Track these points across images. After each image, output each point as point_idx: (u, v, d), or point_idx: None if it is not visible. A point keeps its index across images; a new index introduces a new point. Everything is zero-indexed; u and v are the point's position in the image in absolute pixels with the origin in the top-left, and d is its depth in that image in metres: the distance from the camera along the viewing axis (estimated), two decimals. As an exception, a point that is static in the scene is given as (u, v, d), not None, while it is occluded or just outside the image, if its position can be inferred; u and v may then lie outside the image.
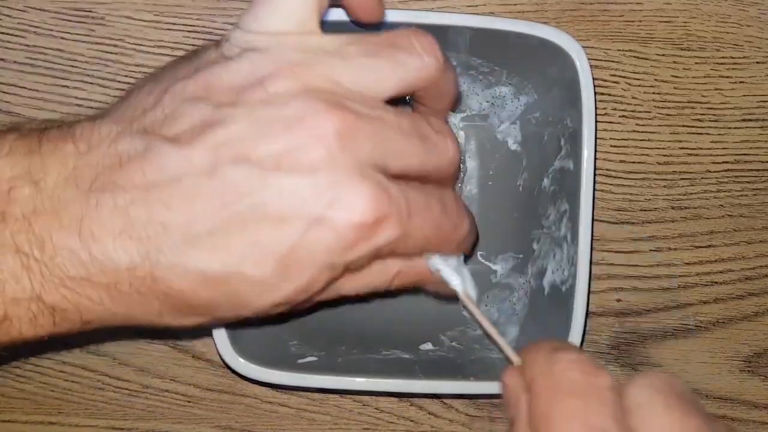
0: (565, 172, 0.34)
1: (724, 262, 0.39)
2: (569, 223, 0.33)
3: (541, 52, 0.33)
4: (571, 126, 0.33)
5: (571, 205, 0.33)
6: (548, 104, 0.36)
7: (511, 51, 0.34)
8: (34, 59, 0.37)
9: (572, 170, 0.33)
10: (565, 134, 0.34)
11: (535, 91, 0.36)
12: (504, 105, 0.37)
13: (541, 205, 0.36)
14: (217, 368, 0.37)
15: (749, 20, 0.38)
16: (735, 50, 0.38)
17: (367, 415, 0.38)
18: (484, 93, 0.37)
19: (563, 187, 0.34)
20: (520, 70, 0.36)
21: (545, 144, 0.36)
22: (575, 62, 0.32)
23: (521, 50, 0.33)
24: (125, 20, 0.37)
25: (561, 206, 0.34)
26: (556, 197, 0.35)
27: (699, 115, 0.38)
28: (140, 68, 0.37)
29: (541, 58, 0.33)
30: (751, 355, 0.39)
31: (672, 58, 0.38)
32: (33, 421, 0.38)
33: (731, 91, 0.38)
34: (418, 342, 0.36)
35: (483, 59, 0.35)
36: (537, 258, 0.36)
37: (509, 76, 0.36)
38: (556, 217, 0.35)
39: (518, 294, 0.37)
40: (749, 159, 0.39)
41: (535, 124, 0.37)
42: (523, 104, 0.37)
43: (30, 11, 0.37)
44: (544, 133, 0.36)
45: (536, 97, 0.36)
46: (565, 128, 0.34)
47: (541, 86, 0.36)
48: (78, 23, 0.37)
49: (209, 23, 0.37)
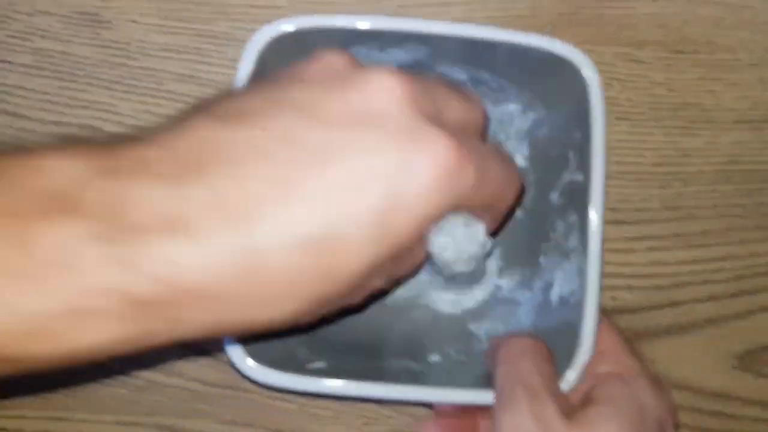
0: (575, 185, 0.33)
1: (718, 261, 0.39)
2: (579, 234, 0.33)
3: (553, 67, 0.33)
4: (580, 138, 0.33)
5: (581, 216, 0.32)
6: (557, 120, 0.35)
7: (522, 65, 0.34)
8: (41, 62, 0.38)
9: (582, 182, 0.32)
10: (574, 147, 0.33)
11: (543, 107, 0.36)
12: (512, 122, 0.37)
13: (549, 219, 0.35)
14: (221, 364, 0.38)
15: (742, 24, 0.38)
16: (728, 53, 0.39)
17: (367, 410, 0.39)
18: (492, 110, 0.36)
19: (573, 199, 0.34)
20: (531, 85, 0.35)
21: (553, 158, 0.35)
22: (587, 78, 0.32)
23: (532, 65, 0.33)
24: (131, 24, 0.38)
25: (570, 218, 0.34)
26: (565, 210, 0.34)
27: (692, 116, 0.39)
28: (146, 71, 0.38)
29: (552, 73, 0.33)
30: (744, 352, 0.39)
31: (666, 61, 0.38)
32: (40, 416, 0.38)
33: (724, 94, 0.39)
34: (427, 353, 0.36)
35: (493, 74, 0.35)
36: (544, 271, 0.35)
37: (519, 92, 0.36)
38: (565, 229, 0.34)
39: (525, 308, 0.36)
40: (742, 160, 0.39)
41: (543, 139, 0.36)
42: (531, 120, 0.36)
43: (37, 15, 0.37)
44: (552, 148, 0.35)
45: (545, 113, 0.36)
46: (574, 141, 0.33)
47: (550, 102, 0.35)
48: (84, 27, 0.38)
49: (214, 27, 0.38)
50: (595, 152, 0.31)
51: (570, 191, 0.34)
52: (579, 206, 0.33)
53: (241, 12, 0.38)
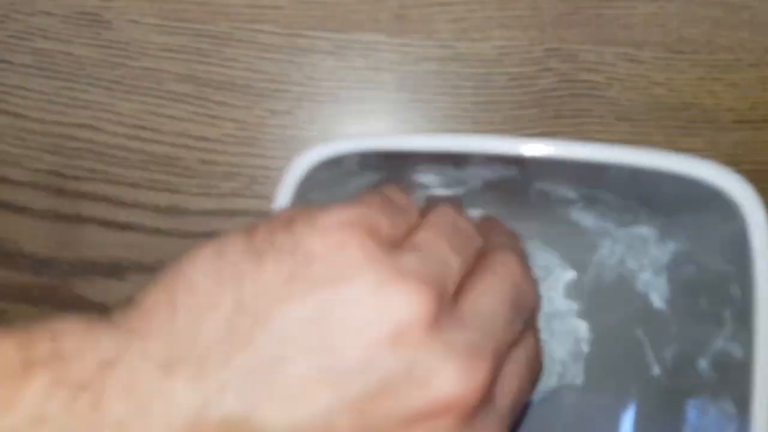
0: (730, 360, 0.25)
1: (718, 261, 0.39)
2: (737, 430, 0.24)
3: (695, 192, 0.25)
4: (739, 297, 0.25)
5: (740, 409, 0.24)
6: (707, 257, 0.27)
7: (655, 188, 0.26)
8: (41, 62, 0.38)
9: (740, 360, 0.25)
10: (730, 306, 0.26)
11: (688, 239, 0.28)
12: (646, 250, 0.30)
13: (695, 398, 0.27)
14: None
15: (742, 24, 0.38)
16: (728, 53, 0.39)
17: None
18: (617, 232, 0.30)
19: (727, 379, 0.26)
20: (666, 209, 0.28)
21: (702, 311, 0.27)
22: (745, 213, 0.24)
23: (666, 187, 0.26)
24: (131, 24, 0.38)
25: (725, 405, 0.25)
26: (716, 392, 0.26)
27: (692, 116, 0.39)
28: (146, 71, 0.38)
29: (694, 198, 0.25)
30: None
31: (666, 61, 0.38)
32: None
33: (724, 94, 0.39)
34: None
35: (614, 193, 0.28)
36: None
37: (652, 216, 0.29)
38: (718, 418, 0.26)
39: None
40: (742, 160, 0.39)
41: (689, 280, 0.28)
42: (670, 252, 0.29)
43: (38, 15, 0.38)
44: (701, 296, 0.28)
45: (690, 247, 0.28)
46: (730, 298, 0.26)
47: (695, 233, 0.28)
48: (85, 27, 0.38)
49: (213, 27, 0.38)
50: (760, 325, 0.23)
51: (723, 366, 0.26)
52: (736, 394, 0.24)
53: (241, 12, 0.38)
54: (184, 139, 0.38)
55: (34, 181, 0.39)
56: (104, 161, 0.39)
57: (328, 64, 0.38)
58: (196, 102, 0.38)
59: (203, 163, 0.38)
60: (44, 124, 0.38)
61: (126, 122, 0.38)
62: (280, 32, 0.38)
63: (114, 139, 0.39)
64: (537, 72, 0.38)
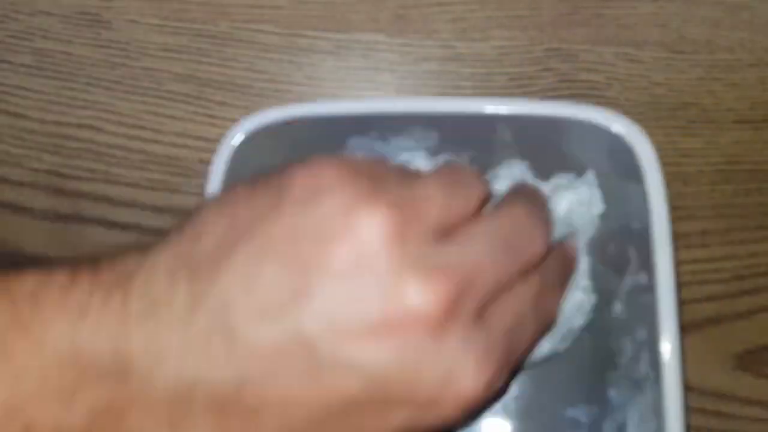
0: (639, 290, 0.28)
1: (717, 261, 0.39)
2: (649, 355, 0.26)
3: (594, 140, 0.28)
4: (638, 228, 0.27)
5: (650, 332, 0.26)
6: (614, 208, 0.30)
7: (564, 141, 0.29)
8: (41, 62, 0.38)
9: (646, 285, 0.27)
10: (632, 241, 0.28)
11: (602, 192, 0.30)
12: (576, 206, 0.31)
13: (614, 338, 0.29)
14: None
15: (741, 24, 0.38)
16: (727, 53, 0.39)
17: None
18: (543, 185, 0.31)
19: (638, 309, 0.28)
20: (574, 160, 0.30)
21: (612, 258, 0.30)
22: (641, 157, 0.27)
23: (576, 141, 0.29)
24: (131, 24, 0.38)
25: (638, 335, 0.27)
26: (631, 325, 0.28)
27: (692, 116, 0.39)
28: (146, 71, 0.38)
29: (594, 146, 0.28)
30: (744, 352, 0.39)
31: (666, 61, 0.38)
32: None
33: (724, 94, 0.39)
34: None
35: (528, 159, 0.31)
36: (614, 410, 0.29)
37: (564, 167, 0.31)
38: (634, 350, 0.28)
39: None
40: (742, 160, 0.39)
41: (600, 233, 0.31)
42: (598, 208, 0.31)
43: (38, 15, 0.38)
44: (610, 244, 0.30)
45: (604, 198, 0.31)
46: (632, 233, 0.28)
47: (606, 185, 0.30)
48: (85, 27, 0.38)
49: (213, 27, 0.38)
50: (659, 246, 0.26)
51: (634, 300, 0.28)
52: (646, 318, 0.26)
53: (241, 12, 0.38)
54: (184, 139, 0.38)
55: (34, 181, 0.39)
56: (104, 161, 0.39)
57: (328, 64, 0.38)
58: (196, 102, 0.38)
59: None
60: (44, 124, 0.38)
61: (126, 122, 0.38)
62: (280, 32, 0.38)
63: (114, 139, 0.39)
64: (537, 72, 0.38)
